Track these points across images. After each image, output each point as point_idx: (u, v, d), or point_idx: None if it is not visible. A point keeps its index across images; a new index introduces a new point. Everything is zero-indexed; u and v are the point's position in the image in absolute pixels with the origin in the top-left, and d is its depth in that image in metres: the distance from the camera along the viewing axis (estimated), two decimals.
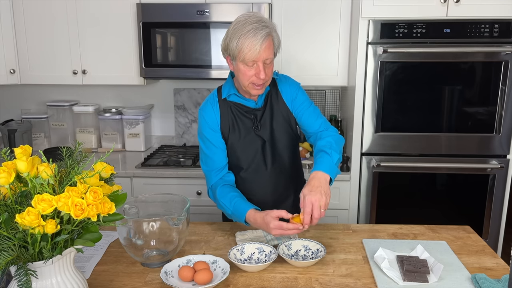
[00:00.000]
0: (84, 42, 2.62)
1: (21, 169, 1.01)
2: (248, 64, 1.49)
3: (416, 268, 1.30)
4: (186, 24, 2.49)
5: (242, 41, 1.46)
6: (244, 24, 1.47)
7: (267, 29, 1.47)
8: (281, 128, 1.68)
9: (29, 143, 2.41)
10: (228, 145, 1.66)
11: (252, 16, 1.49)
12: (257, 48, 1.45)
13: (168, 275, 1.27)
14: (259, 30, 1.45)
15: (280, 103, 1.68)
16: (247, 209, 1.51)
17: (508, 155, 2.37)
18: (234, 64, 1.54)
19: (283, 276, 1.32)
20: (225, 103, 1.65)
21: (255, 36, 1.45)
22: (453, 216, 2.44)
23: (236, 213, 1.54)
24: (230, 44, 1.49)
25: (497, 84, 2.29)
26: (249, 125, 1.65)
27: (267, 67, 1.52)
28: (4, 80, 2.65)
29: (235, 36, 1.47)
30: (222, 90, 1.67)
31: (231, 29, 1.50)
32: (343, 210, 2.48)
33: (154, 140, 3.07)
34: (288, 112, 1.68)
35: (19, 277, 0.92)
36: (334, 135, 1.63)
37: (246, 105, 1.65)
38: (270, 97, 1.67)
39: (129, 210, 1.40)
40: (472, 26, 2.24)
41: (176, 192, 1.97)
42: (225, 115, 1.65)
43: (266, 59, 1.50)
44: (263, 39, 1.45)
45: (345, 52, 2.55)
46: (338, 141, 1.60)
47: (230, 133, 1.65)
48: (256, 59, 1.48)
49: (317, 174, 1.47)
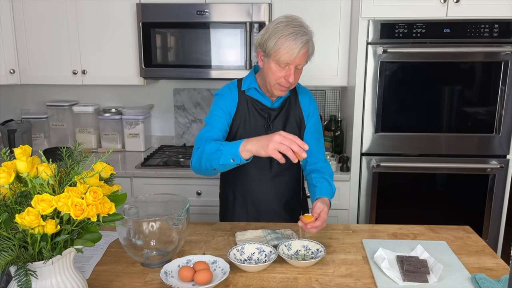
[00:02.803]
0: (84, 42, 2.62)
1: (21, 169, 1.01)
2: (281, 65, 1.51)
3: (416, 268, 1.30)
4: (186, 24, 2.49)
5: (282, 42, 1.48)
6: (287, 25, 1.49)
7: (307, 36, 1.50)
8: (292, 133, 1.68)
9: (29, 143, 2.41)
10: (236, 138, 1.66)
11: (295, 19, 1.52)
12: (295, 53, 1.47)
13: (168, 275, 1.27)
14: (300, 35, 1.48)
15: (297, 110, 1.71)
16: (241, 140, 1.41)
17: (508, 155, 2.37)
18: (266, 61, 1.56)
19: (283, 276, 1.32)
20: (243, 95, 1.67)
21: (295, 40, 1.47)
22: (453, 216, 2.44)
23: (230, 145, 1.42)
24: (269, 41, 1.50)
25: (497, 84, 2.29)
26: (261, 123, 1.67)
27: (297, 72, 1.55)
28: (4, 80, 2.65)
29: (275, 35, 1.49)
30: (243, 82, 1.69)
31: (272, 27, 1.51)
32: (343, 210, 2.48)
33: (154, 140, 3.08)
34: (302, 120, 1.72)
35: (19, 277, 0.92)
36: (330, 168, 1.76)
37: (262, 103, 1.67)
38: (289, 101, 1.71)
39: (129, 210, 1.40)
40: (472, 26, 2.24)
41: (176, 192, 1.97)
42: (242, 106, 1.66)
43: (299, 64, 1.53)
44: (302, 45, 1.48)
45: (345, 52, 2.55)
46: (332, 174, 1.75)
47: (241, 126, 1.66)
48: (291, 62, 1.50)
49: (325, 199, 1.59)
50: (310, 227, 1.45)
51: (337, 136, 2.76)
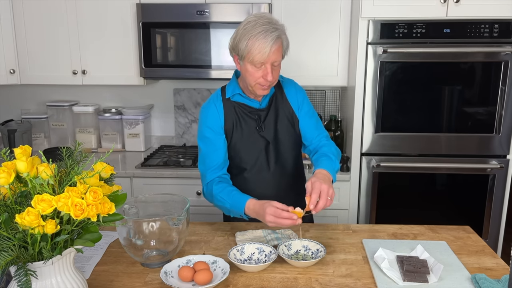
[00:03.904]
0: (84, 42, 2.62)
1: (21, 169, 1.01)
2: (257, 65, 1.50)
3: (416, 268, 1.30)
4: (186, 24, 2.49)
5: (252, 43, 1.46)
6: (255, 25, 1.47)
7: (277, 32, 1.48)
8: (285, 130, 1.68)
9: (29, 143, 2.41)
10: (231, 145, 1.66)
11: (263, 17, 1.50)
12: (267, 51, 1.46)
13: (168, 275, 1.27)
14: (269, 32, 1.46)
15: (285, 105, 1.69)
16: (247, 198, 1.51)
17: (508, 155, 2.37)
18: (242, 64, 1.55)
19: (283, 276, 1.32)
20: (229, 103, 1.66)
21: (265, 38, 1.45)
22: (453, 216, 2.44)
23: (236, 204, 1.53)
24: (239, 44, 1.49)
25: (497, 84, 2.29)
26: (253, 126, 1.66)
27: (275, 69, 1.54)
28: (4, 80, 2.65)
29: (245, 37, 1.47)
30: (226, 90, 1.68)
31: (241, 28, 1.50)
32: (343, 210, 2.48)
33: (154, 140, 3.07)
34: (293, 114, 1.70)
35: (19, 277, 0.92)
36: (335, 147, 1.70)
37: (250, 106, 1.66)
38: (275, 98, 1.69)
39: (129, 210, 1.40)
40: (472, 26, 2.24)
41: (176, 192, 1.97)
42: (229, 115, 1.65)
43: (275, 61, 1.51)
44: (273, 41, 1.46)
45: (345, 52, 2.55)
46: (339, 153, 1.68)
47: (234, 133, 1.65)
48: (265, 61, 1.49)
49: (322, 171, 1.51)
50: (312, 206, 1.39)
51: (337, 136, 2.76)
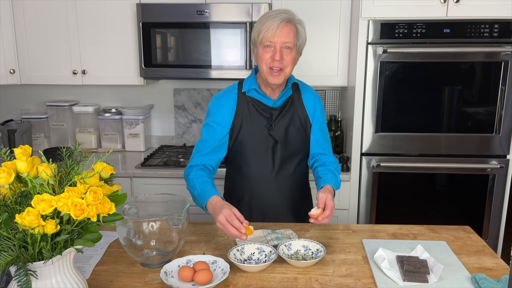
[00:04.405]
0: (84, 42, 2.62)
1: (21, 169, 1.01)
2: (266, 46, 1.55)
3: (416, 268, 1.30)
4: (186, 24, 2.49)
5: (262, 24, 1.54)
6: (269, 12, 1.56)
7: (289, 15, 1.54)
8: (296, 132, 1.69)
9: (29, 143, 2.40)
10: (238, 140, 1.67)
11: (280, 9, 1.58)
12: (274, 27, 1.51)
13: (168, 275, 1.27)
14: (279, 15, 1.53)
15: (300, 108, 1.70)
16: (214, 194, 1.51)
17: (508, 155, 2.37)
18: (256, 52, 1.61)
19: (283, 276, 1.32)
20: (243, 97, 1.68)
21: (274, 18, 1.52)
22: (453, 216, 2.44)
23: (202, 194, 1.53)
24: (254, 31, 1.58)
25: (497, 84, 2.29)
26: (263, 123, 1.67)
27: (286, 53, 1.56)
28: (4, 80, 2.65)
29: (259, 23, 1.56)
30: (243, 84, 1.70)
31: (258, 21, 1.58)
32: (343, 210, 2.48)
33: (154, 140, 3.07)
34: (306, 118, 1.71)
35: (19, 277, 0.92)
36: (338, 163, 1.75)
37: (263, 103, 1.67)
38: (292, 100, 1.70)
39: (129, 210, 1.40)
40: (472, 26, 2.24)
41: (176, 192, 1.96)
42: (241, 109, 1.67)
43: (284, 43, 1.54)
44: (281, 21, 1.52)
45: (345, 52, 2.55)
46: (339, 168, 1.74)
47: (242, 128, 1.66)
48: (273, 40, 1.53)
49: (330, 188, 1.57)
50: (321, 219, 1.44)
51: (337, 136, 2.76)
